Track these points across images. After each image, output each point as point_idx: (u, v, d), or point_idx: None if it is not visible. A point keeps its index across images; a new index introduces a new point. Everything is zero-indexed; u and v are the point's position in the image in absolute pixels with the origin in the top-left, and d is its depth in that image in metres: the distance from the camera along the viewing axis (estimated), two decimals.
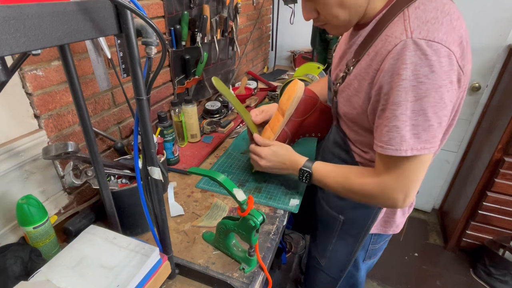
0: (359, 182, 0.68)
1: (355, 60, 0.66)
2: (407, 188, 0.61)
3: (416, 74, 0.52)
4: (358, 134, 0.73)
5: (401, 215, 0.86)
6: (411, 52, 0.52)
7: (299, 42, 2.20)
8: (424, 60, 0.51)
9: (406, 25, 0.54)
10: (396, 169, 0.60)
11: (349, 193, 0.71)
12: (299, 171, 0.79)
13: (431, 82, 0.52)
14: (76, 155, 0.64)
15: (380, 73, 0.57)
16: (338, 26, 0.66)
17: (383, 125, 0.58)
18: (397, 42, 0.54)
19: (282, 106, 0.89)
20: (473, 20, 1.64)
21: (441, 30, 0.52)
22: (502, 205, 1.66)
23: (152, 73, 0.48)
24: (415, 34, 0.52)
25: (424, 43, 0.51)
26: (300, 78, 1.75)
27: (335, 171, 0.74)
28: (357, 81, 0.65)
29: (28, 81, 0.66)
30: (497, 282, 1.68)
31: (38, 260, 0.62)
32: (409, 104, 0.53)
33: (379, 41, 0.59)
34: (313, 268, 1.01)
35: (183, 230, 0.79)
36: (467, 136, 1.97)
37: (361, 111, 0.66)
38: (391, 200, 0.64)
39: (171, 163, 1.04)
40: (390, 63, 0.54)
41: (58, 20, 0.33)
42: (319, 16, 0.65)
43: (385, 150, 0.58)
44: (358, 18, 0.64)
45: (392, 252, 1.93)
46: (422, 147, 0.55)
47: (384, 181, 0.63)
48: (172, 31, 1.08)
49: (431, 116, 0.54)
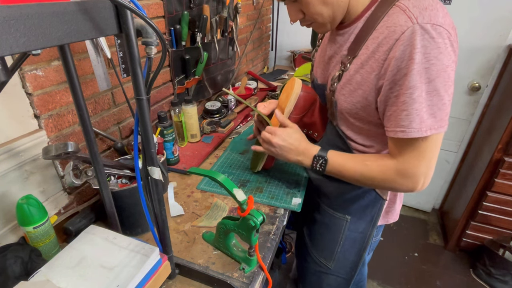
0: (379, 169, 0.68)
1: (350, 57, 0.67)
2: (426, 170, 0.63)
3: (427, 56, 0.55)
4: (361, 130, 0.74)
5: (399, 202, 0.88)
6: (420, 36, 0.54)
7: (299, 42, 2.20)
8: (433, 43, 0.54)
9: (408, 13, 0.56)
10: (414, 151, 0.62)
11: (368, 180, 0.70)
12: (313, 158, 0.75)
13: (440, 63, 0.55)
14: (76, 155, 0.64)
15: (390, 61, 0.59)
16: (324, 24, 0.68)
17: (400, 109, 0.59)
18: (404, 30, 0.56)
19: (281, 104, 0.88)
20: (473, 20, 1.64)
21: (439, 15, 0.55)
22: (502, 205, 1.66)
23: (152, 73, 0.48)
24: (420, 19, 0.55)
25: (430, 27, 0.54)
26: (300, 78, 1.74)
27: (352, 159, 0.73)
28: (359, 75, 0.66)
29: (28, 81, 0.66)
30: (497, 282, 1.68)
31: (38, 260, 0.62)
32: (424, 86, 0.56)
33: (379, 33, 0.61)
34: (318, 273, 0.98)
35: (183, 230, 0.79)
36: (467, 136, 1.97)
37: (366, 104, 0.67)
38: (411, 183, 0.65)
39: (171, 163, 1.04)
40: (401, 50, 0.56)
41: (58, 20, 0.33)
42: (304, 17, 0.68)
43: (408, 133, 0.59)
44: (343, 13, 0.66)
45: (392, 252, 1.93)
46: (439, 126, 0.58)
47: (404, 165, 0.64)
48: (172, 31, 1.08)
49: (443, 94, 0.57)
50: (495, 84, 1.77)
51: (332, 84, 0.73)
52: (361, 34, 0.65)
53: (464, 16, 1.65)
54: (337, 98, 0.73)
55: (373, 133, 0.72)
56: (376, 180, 0.69)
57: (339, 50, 0.72)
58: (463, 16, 1.65)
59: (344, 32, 0.70)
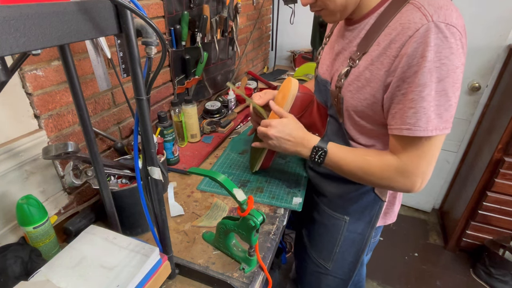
0: (379, 165, 0.67)
1: (360, 53, 0.67)
2: (425, 170, 0.63)
3: (438, 55, 0.54)
4: (364, 129, 0.73)
5: (398, 203, 0.87)
6: (434, 34, 0.54)
7: (299, 42, 2.20)
8: (446, 42, 0.54)
9: (423, 11, 0.56)
10: (417, 151, 0.62)
11: (366, 175, 0.69)
12: (312, 149, 0.74)
13: (451, 63, 0.54)
14: (76, 155, 0.64)
15: (401, 58, 0.58)
16: (334, 12, 0.67)
17: (408, 107, 0.59)
18: (418, 27, 0.55)
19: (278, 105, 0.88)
20: (473, 20, 1.64)
21: (453, 15, 0.55)
22: (502, 205, 1.66)
23: (152, 73, 0.48)
24: (435, 17, 0.54)
25: (444, 26, 0.54)
26: (300, 78, 1.75)
27: (353, 153, 0.72)
28: (368, 72, 0.65)
29: (28, 81, 0.66)
30: (497, 282, 1.68)
31: (38, 260, 0.62)
32: (433, 85, 0.56)
33: (392, 30, 0.60)
34: (316, 274, 0.99)
35: (183, 230, 0.79)
36: (467, 136, 1.97)
37: (373, 101, 0.66)
38: (409, 182, 0.65)
39: (171, 163, 1.04)
40: (413, 47, 0.56)
41: (58, 20, 0.33)
42: (316, 1, 0.67)
43: (413, 131, 0.59)
44: (355, 5, 0.66)
45: (392, 252, 1.93)
46: (444, 127, 0.58)
47: (405, 164, 0.64)
48: (172, 31, 1.08)
49: (451, 96, 0.57)
50: (495, 84, 1.77)
51: (339, 80, 0.72)
52: (372, 30, 0.65)
53: (464, 16, 1.62)
54: (343, 95, 0.72)
55: (376, 133, 0.72)
56: (375, 176, 0.68)
57: (348, 46, 0.71)
58: (463, 15, 1.63)
59: (354, 28, 0.69)
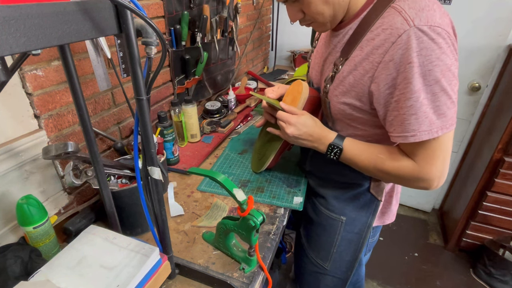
0: (394, 165, 0.67)
1: (343, 59, 0.67)
2: (441, 169, 0.63)
3: (428, 58, 0.54)
4: (357, 130, 0.74)
5: (396, 203, 0.87)
6: (418, 39, 0.54)
7: (299, 42, 2.20)
8: (433, 44, 0.54)
9: (404, 15, 0.55)
10: (428, 152, 0.62)
11: (381, 173, 0.70)
12: (328, 146, 0.74)
13: (443, 63, 0.55)
14: (76, 155, 0.64)
15: (386, 64, 0.58)
16: (325, 23, 0.67)
17: (408, 114, 0.59)
18: (400, 33, 0.55)
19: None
20: (473, 20, 1.64)
21: (436, 15, 0.55)
22: (502, 205, 1.66)
23: (152, 73, 0.48)
24: (417, 21, 0.54)
25: (427, 29, 0.54)
26: (300, 78, 1.75)
27: (368, 151, 0.72)
28: (352, 77, 0.65)
29: (28, 81, 0.66)
30: (497, 282, 1.68)
31: (38, 260, 0.62)
32: (429, 88, 0.56)
33: (374, 35, 0.60)
34: (315, 274, 0.99)
35: (183, 230, 0.79)
36: (467, 136, 1.97)
37: (359, 105, 0.67)
38: (426, 183, 0.65)
39: (171, 163, 1.04)
40: (399, 54, 0.56)
41: (58, 20, 0.33)
42: (305, 16, 0.67)
43: (419, 137, 0.59)
44: (343, 13, 0.66)
45: (392, 252, 1.93)
46: (450, 124, 0.58)
47: (419, 165, 0.64)
48: (172, 31, 1.08)
49: (451, 93, 0.57)
50: (495, 84, 1.77)
51: (325, 85, 0.73)
52: (355, 36, 0.65)
53: (464, 16, 1.65)
54: (330, 99, 0.73)
55: (371, 134, 0.72)
56: (392, 176, 0.69)
57: (333, 51, 0.72)
58: (463, 16, 1.65)
59: (338, 34, 0.70)
